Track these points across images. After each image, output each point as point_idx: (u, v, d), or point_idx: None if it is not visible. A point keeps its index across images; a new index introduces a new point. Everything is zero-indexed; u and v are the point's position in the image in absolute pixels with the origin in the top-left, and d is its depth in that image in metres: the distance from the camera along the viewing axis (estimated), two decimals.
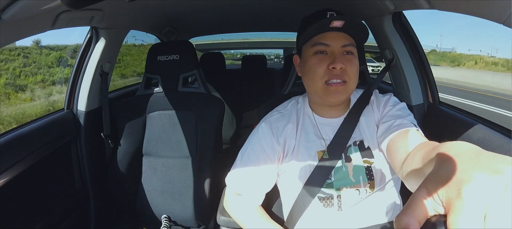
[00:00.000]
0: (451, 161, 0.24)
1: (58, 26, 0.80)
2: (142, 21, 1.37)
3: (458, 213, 0.20)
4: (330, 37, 0.65)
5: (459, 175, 0.22)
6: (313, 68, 0.65)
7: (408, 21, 1.01)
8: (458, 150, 0.26)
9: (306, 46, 0.68)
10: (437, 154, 0.28)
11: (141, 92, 1.19)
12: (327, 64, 0.63)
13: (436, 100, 0.98)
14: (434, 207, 0.22)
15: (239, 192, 0.71)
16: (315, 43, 0.65)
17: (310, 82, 0.67)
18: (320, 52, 0.65)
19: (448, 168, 0.23)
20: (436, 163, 0.26)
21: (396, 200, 0.69)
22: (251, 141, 0.73)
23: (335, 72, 0.63)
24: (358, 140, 0.69)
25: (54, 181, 1.02)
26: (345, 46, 0.65)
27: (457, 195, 0.21)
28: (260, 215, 0.69)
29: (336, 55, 0.64)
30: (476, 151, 0.25)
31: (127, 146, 1.14)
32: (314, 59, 0.65)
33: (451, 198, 0.21)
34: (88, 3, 0.67)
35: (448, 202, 0.21)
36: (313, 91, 0.68)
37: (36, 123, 0.99)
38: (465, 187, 0.20)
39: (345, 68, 0.63)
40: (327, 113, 0.72)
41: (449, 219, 0.20)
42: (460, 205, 0.20)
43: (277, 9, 1.48)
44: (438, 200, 0.22)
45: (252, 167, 0.70)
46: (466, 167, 0.22)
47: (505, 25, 0.54)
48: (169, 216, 1.13)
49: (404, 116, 0.65)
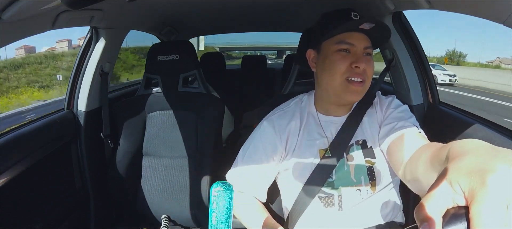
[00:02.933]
0: (472, 154, 0.24)
1: (58, 26, 0.79)
2: (142, 21, 1.37)
3: (482, 202, 0.20)
4: (356, 37, 0.66)
5: (482, 165, 0.22)
6: (336, 64, 0.66)
7: (408, 21, 1.01)
8: (475, 145, 0.26)
9: (329, 43, 0.68)
10: (452, 149, 0.28)
11: (141, 92, 1.19)
12: (350, 62, 0.65)
13: (436, 100, 0.98)
14: (453, 198, 0.22)
15: (240, 189, 0.71)
16: (340, 41, 0.66)
17: (329, 77, 0.68)
18: (344, 50, 0.66)
19: (469, 160, 0.23)
20: (454, 156, 0.26)
21: (396, 200, 0.69)
22: (253, 139, 0.73)
23: (357, 71, 0.64)
24: (360, 140, 0.69)
25: (54, 181, 1.02)
26: (367, 48, 0.66)
27: (481, 184, 0.20)
28: (261, 213, 0.69)
29: (359, 55, 0.65)
30: (492, 146, 0.25)
31: (127, 146, 1.14)
32: (337, 55, 0.66)
33: (474, 188, 0.21)
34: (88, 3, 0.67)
35: (471, 192, 0.21)
36: (331, 86, 0.68)
37: (36, 123, 0.99)
38: (490, 176, 0.20)
39: (365, 68, 0.65)
40: (332, 112, 0.72)
41: (472, 208, 0.20)
42: (485, 194, 0.20)
43: (278, 9, 1.48)
44: (459, 191, 0.22)
45: (253, 164, 0.70)
46: (488, 158, 0.22)
47: (505, 25, 0.54)
48: (169, 216, 1.13)
49: (406, 118, 0.65)
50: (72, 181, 1.10)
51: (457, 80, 10.70)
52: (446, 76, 10.78)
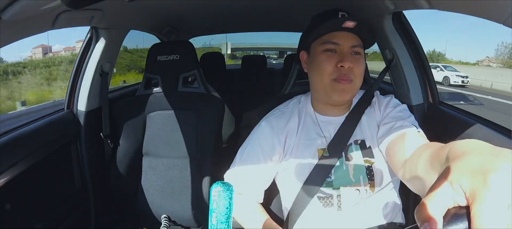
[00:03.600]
0: (472, 153, 0.24)
1: (58, 26, 0.80)
2: (142, 21, 1.37)
3: (483, 201, 0.20)
4: (340, 36, 0.66)
5: (484, 165, 0.22)
6: (322, 65, 0.66)
7: (408, 21, 1.01)
8: (476, 145, 0.26)
9: (316, 44, 0.69)
10: (453, 149, 0.28)
11: (141, 92, 1.19)
12: (336, 62, 0.65)
13: (436, 100, 0.98)
14: (454, 198, 0.22)
15: (238, 191, 0.71)
16: (325, 41, 0.66)
17: (318, 78, 0.68)
18: (330, 50, 0.66)
19: (470, 160, 0.23)
20: (455, 156, 0.26)
21: (396, 200, 0.69)
22: (251, 140, 0.73)
23: (343, 71, 0.64)
24: (359, 139, 0.69)
25: (54, 181, 1.02)
26: (354, 46, 0.66)
27: (483, 184, 0.20)
28: (260, 214, 0.69)
29: (345, 54, 0.65)
30: (493, 146, 0.25)
31: (127, 146, 1.14)
32: (323, 56, 0.66)
33: (476, 188, 0.21)
34: (88, 3, 0.67)
35: (472, 192, 0.21)
36: (320, 87, 0.68)
37: (36, 123, 0.99)
38: (491, 176, 0.20)
39: (352, 67, 0.64)
40: (329, 112, 0.72)
41: (474, 208, 0.20)
42: (486, 194, 0.20)
43: (278, 9, 1.48)
44: (460, 191, 0.22)
45: (251, 165, 0.70)
46: (490, 158, 0.22)
47: (505, 25, 0.54)
48: (169, 216, 1.13)
49: (405, 118, 0.65)
50: (72, 181, 1.10)
51: (469, 82, 10.60)
52: (458, 77, 10.72)
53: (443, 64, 12.10)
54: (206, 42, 15.34)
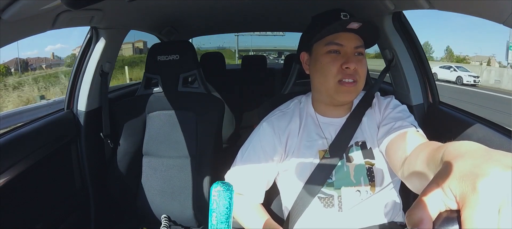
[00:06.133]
0: (464, 157, 0.24)
1: (58, 26, 0.80)
2: (142, 21, 1.37)
3: (473, 207, 0.20)
4: (345, 37, 0.65)
5: (474, 169, 0.22)
6: (326, 67, 0.65)
7: (408, 21, 1.01)
8: (469, 147, 0.26)
9: (319, 45, 0.68)
10: (446, 152, 0.28)
11: (141, 92, 1.19)
12: (340, 63, 0.64)
13: (436, 100, 0.98)
14: (445, 203, 0.22)
15: (239, 191, 0.71)
16: (329, 42, 0.66)
17: (322, 80, 0.67)
18: (334, 51, 0.66)
19: (461, 163, 0.23)
20: (447, 160, 0.26)
21: (396, 199, 0.69)
22: (252, 140, 0.73)
23: (348, 72, 0.64)
24: (360, 140, 0.69)
25: (54, 181, 1.02)
26: (357, 47, 0.66)
27: (472, 189, 0.20)
28: (260, 214, 0.69)
29: (349, 55, 0.65)
30: (486, 149, 0.25)
31: (127, 146, 1.14)
32: (327, 57, 0.66)
33: (465, 193, 0.21)
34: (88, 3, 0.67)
35: (462, 197, 0.21)
36: (324, 89, 0.68)
37: (36, 122, 0.99)
38: (481, 181, 0.20)
39: (356, 68, 0.64)
40: (330, 113, 0.72)
41: (463, 213, 0.20)
42: (476, 199, 0.20)
43: (278, 9, 1.48)
44: (450, 195, 0.22)
45: (251, 166, 0.70)
46: (480, 162, 0.22)
47: (505, 25, 0.54)
48: (169, 216, 1.13)
49: (405, 118, 0.65)
50: (72, 181, 1.10)
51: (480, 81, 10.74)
52: (471, 77, 10.78)
53: (456, 65, 12.26)
54: (220, 45, 17.47)
